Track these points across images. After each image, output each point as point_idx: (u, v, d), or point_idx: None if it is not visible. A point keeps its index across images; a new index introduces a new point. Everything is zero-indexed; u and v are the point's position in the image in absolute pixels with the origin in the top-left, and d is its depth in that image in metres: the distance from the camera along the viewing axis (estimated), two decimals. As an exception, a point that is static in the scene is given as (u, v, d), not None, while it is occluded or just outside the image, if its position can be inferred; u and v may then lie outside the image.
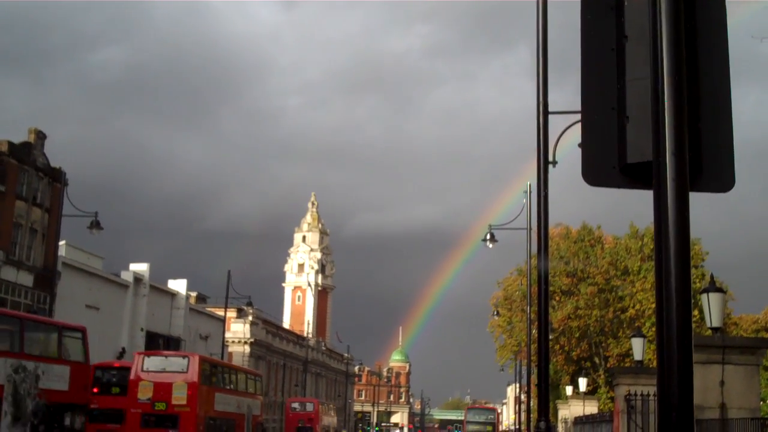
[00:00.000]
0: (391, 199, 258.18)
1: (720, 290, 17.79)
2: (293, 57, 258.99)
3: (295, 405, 74.70)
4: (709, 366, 16.40)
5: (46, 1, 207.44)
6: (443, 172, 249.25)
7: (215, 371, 40.91)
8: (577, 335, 60.78)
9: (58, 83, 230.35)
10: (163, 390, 35.25)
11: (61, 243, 54.11)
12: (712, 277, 19.06)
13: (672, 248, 3.45)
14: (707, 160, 3.88)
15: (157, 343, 65.64)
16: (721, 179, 3.92)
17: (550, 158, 14.89)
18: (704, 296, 17.43)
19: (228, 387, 41.66)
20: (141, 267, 65.62)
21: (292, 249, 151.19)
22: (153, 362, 37.33)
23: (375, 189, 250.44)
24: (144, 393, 35.24)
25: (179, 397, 35.01)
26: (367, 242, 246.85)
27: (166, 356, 40.68)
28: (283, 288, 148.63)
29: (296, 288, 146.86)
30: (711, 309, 17.16)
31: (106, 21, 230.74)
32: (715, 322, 17.09)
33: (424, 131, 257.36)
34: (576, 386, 52.86)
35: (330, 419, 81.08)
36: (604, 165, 3.95)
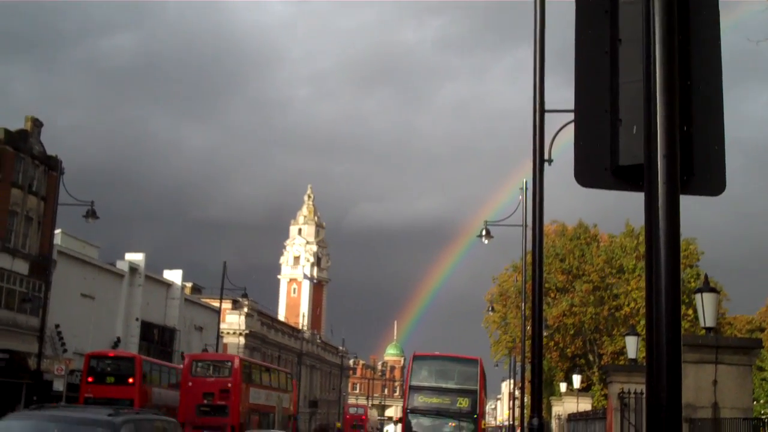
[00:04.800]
0: (393, 191, 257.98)
1: (714, 290, 17.85)
2: (305, 47, 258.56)
3: (352, 409, 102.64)
4: (702, 365, 16.47)
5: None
6: (449, 165, 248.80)
7: (252, 370, 48.50)
8: (572, 332, 60.86)
9: (67, 68, 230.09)
10: (212, 386, 42.53)
11: (57, 231, 54.07)
12: (706, 277, 19.14)
13: (662, 250, 3.49)
14: (699, 163, 3.91)
15: (152, 333, 65.70)
16: (713, 182, 3.95)
17: (546, 156, 14.92)
18: (698, 296, 17.49)
19: (263, 383, 48.56)
20: (136, 257, 65.57)
21: (288, 241, 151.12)
22: (202, 364, 45.88)
23: (379, 181, 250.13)
24: (197, 389, 42.07)
25: (224, 393, 42.18)
26: (368, 234, 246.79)
27: (212, 360, 50.62)
28: (278, 280, 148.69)
29: (292, 280, 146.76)
30: (705, 309, 17.22)
31: (117, 7, 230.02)
32: (709, 321, 17.15)
33: (432, 124, 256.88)
34: (570, 383, 52.97)
35: (374, 420, 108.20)
36: (597, 167, 3.98)
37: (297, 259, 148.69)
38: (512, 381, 69.21)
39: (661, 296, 3.44)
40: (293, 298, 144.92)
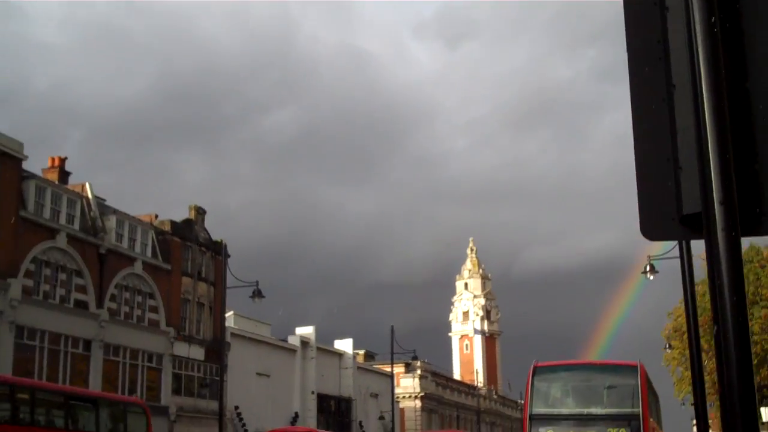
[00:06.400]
0: (562, 232, 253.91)
1: None
2: (458, 97, 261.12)
3: None
4: None
5: (219, 71, 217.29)
6: (617, 198, 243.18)
7: None
8: (756, 362, 58.08)
9: (233, 150, 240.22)
10: None
11: (229, 314, 55.92)
12: None
13: (727, 299, 3.38)
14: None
15: (328, 404, 66.69)
16: (786, 220, 3.80)
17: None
18: None
19: None
20: (307, 330, 67.04)
21: (455, 297, 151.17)
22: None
23: (546, 223, 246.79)
24: None
25: None
26: (539, 279, 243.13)
27: None
28: (449, 338, 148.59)
29: (463, 336, 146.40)
30: None
31: (274, 84, 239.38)
32: None
33: (596, 158, 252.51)
34: (758, 417, 50.48)
35: None
36: (662, 217, 3.91)
37: (466, 314, 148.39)
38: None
39: (731, 350, 3.33)
40: (466, 355, 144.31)
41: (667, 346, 62.26)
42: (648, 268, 36.01)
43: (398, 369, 78.38)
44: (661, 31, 4.06)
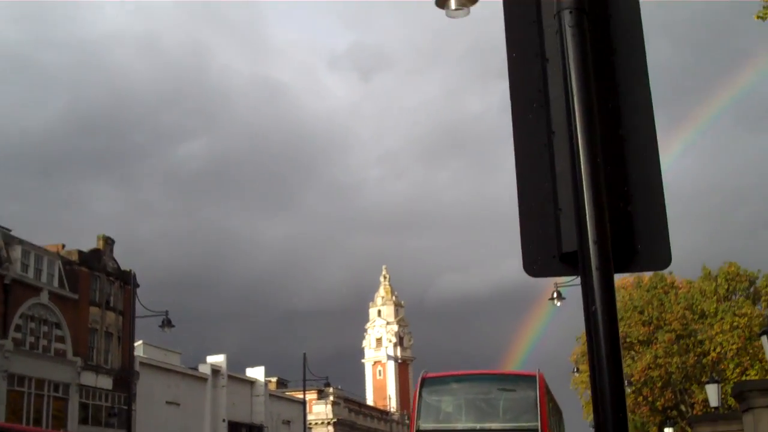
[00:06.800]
0: (474, 259, 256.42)
1: (779, 330, 17.50)
2: (373, 128, 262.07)
3: None
4: (776, 410, 16.08)
5: (130, 101, 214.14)
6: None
7: None
8: (660, 384, 59.49)
9: (145, 179, 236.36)
10: None
11: (138, 343, 55.11)
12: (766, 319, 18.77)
13: (601, 334, 3.62)
14: (642, 241, 4.04)
15: (240, 432, 66.08)
16: (658, 257, 4.07)
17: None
18: (764, 338, 17.20)
19: None
20: (218, 358, 66.42)
21: (368, 324, 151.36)
22: None
23: (459, 251, 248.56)
24: None
25: None
26: (452, 305, 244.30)
27: None
28: (363, 364, 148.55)
29: (376, 363, 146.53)
30: (772, 350, 16.91)
31: (187, 113, 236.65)
32: (778, 363, 16.81)
33: (506, 188, 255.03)
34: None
35: None
36: (544, 255, 4.13)
37: (379, 340, 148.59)
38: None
39: (605, 381, 3.56)
40: (379, 381, 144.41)
41: (575, 369, 63.46)
42: (555, 295, 36.78)
43: (311, 396, 78.06)
44: (542, 80, 4.32)
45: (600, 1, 4.33)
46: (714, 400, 25.74)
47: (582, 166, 3.82)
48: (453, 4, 5.09)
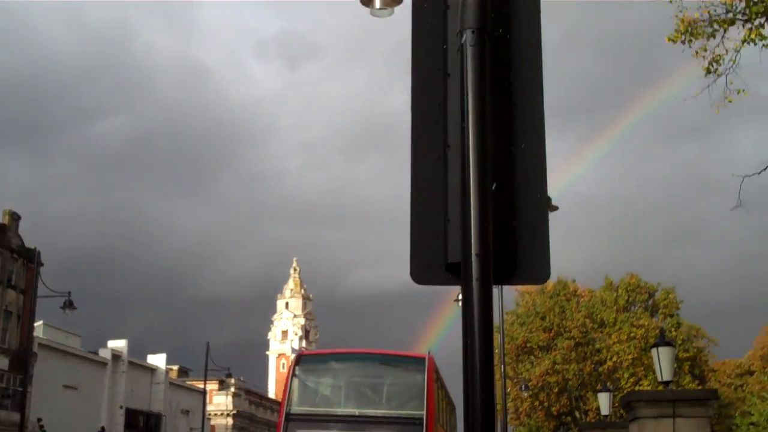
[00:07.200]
0: (387, 256, 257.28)
1: (669, 344, 18.10)
2: (296, 117, 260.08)
3: None
4: (661, 420, 16.63)
5: (48, 74, 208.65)
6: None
7: None
8: (556, 390, 60.71)
9: (58, 155, 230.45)
10: None
11: (38, 324, 53.97)
12: (662, 331, 19.42)
13: (477, 344, 3.79)
14: (523, 255, 4.23)
15: (137, 420, 65.19)
16: (537, 272, 4.26)
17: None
18: (654, 350, 17.75)
19: None
20: (119, 344, 65.43)
21: (275, 316, 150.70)
22: None
23: (372, 246, 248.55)
24: None
25: None
26: (362, 301, 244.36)
27: None
28: (267, 356, 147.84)
29: (280, 355, 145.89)
30: (661, 363, 17.47)
31: (107, 91, 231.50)
32: (666, 375, 17.38)
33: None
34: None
35: None
36: (431, 264, 4.29)
37: (285, 333, 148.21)
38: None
39: (476, 390, 3.72)
40: (283, 374, 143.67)
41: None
42: (459, 297, 37.22)
43: (212, 386, 77.43)
44: (442, 95, 4.47)
45: (502, 21, 4.49)
46: (605, 409, 26.44)
47: (471, 180, 3.98)
48: (377, 3, 5.23)
